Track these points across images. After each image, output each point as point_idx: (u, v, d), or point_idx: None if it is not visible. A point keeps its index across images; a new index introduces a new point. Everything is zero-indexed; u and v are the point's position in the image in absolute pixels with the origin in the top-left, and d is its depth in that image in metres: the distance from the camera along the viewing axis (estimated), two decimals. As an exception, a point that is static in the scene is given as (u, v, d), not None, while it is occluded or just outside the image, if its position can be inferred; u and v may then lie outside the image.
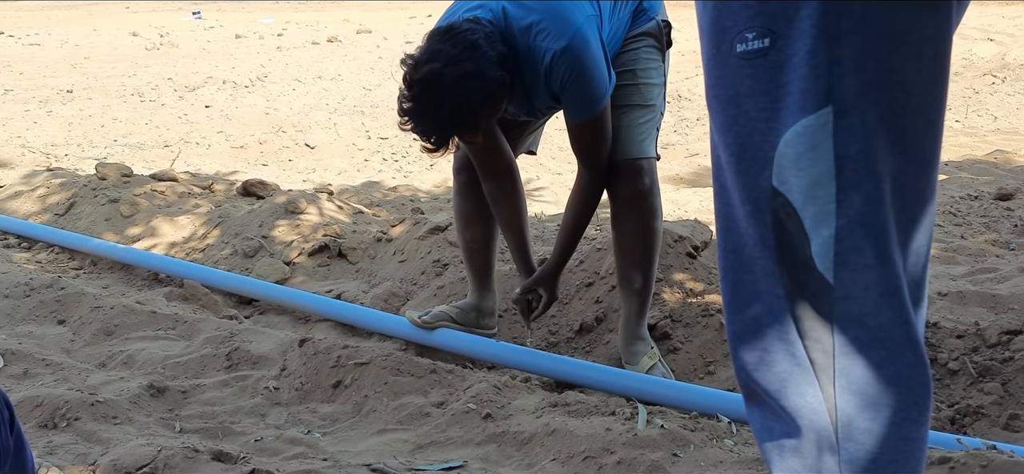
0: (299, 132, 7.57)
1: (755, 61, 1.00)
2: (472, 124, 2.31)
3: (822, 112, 0.97)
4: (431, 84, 2.22)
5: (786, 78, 0.98)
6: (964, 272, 3.45)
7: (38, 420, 2.23)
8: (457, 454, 2.16)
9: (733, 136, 1.03)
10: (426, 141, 2.33)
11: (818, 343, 1.01)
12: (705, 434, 2.18)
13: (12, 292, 3.31)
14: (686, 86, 9.20)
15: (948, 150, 6.61)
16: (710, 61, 1.06)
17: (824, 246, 0.99)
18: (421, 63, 2.25)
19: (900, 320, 1.00)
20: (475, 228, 2.80)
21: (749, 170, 1.02)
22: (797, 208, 0.99)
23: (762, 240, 1.02)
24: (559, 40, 2.29)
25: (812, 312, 1.01)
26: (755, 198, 1.02)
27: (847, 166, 0.98)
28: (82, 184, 4.74)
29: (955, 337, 2.56)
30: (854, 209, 0.98)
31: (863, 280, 0.99)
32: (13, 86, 10.07)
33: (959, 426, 2.31)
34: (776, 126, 0.99)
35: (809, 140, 0.98)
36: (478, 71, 2.23)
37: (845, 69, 0.96)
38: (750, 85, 1.01)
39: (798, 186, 0.99)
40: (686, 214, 4.60)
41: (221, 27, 17.48)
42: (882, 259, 0.99)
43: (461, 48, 2.23)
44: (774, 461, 1.08)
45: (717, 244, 1.10)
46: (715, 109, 1.06)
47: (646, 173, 2.52)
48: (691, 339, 2.83)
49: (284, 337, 2.87)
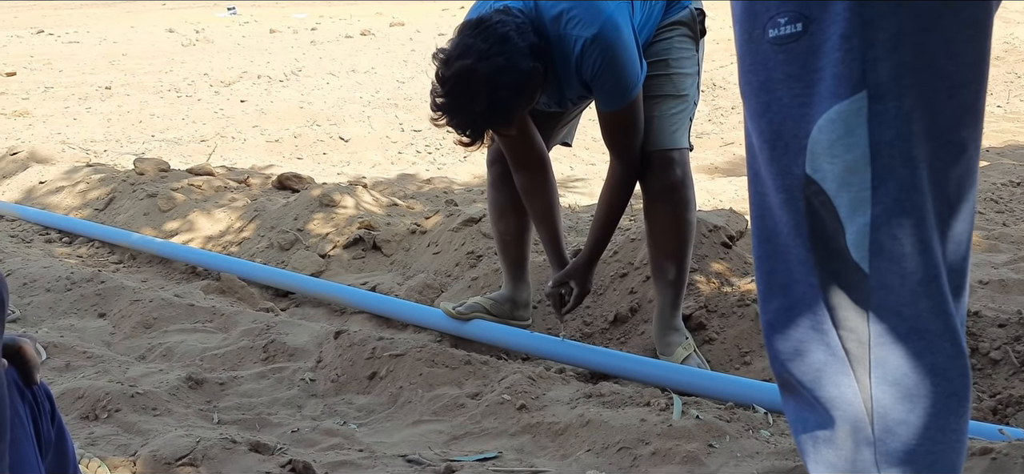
0: (333, 125, 7.62)
1: (788, 46, 0.99)
2: (505, 117, 2.30)
3: (856, 97, 0.95)
4: (463, 80, 2.21)
5: (819, 63, 0.97)
6: (1006, 260, 3.39)
7: (80, 412, 2.27)
8: (492, 445, 2.17)
9: (766, 123, 1.02)
10: (461, 135, 2.32)
11: (853, 333, 0.99)
12: (741, 425, 2.16)
13: (54, 286, 3.36)
14: (721, 74, 9.13)
15: (990, 136, 6.50)
16: (743, 47, 1.04)
17: (859, 234, 0.97)
18: (452, 59, 2.23)
19: (938, 310, 0.99)
20: (509, 220, 2.80)
21: (782, 157, 1.01)
22: (831, 196, 0.98)
23: (796, 228, 1.01)
24: (590, 27, 2.27)
25: (847, 301, 0.99)
26: (788, 186, 1.01)
27: (883, 152, 0.96)
28: (121, 179, 4.81)
29: (997, 326, 2.52)
30: (890, 196, 0.96)
31: (899, 269, 0.98)
32: (53, 83, 10.24)
33: (1001, 416, 2.27)
34: (809, 112, 0.98)
35: (843, 126, 0.96)
36: (509, 64, 2.21)
37: (879, 53, 0.95)
38: (783, 71, 0.99)
39: (832, 173, 0.97)
40: (721, 204, 4.57)
41: (256, 22, 17.63)
42: (919, 247, 0.98)
43: (492, 42, 2.21)
44: (808, 453, 1.06)
45: (751, 232, 1.09)
46: (748, 96, 1.05)
47: (678, 164, 2.49)
48: (726, 329, 2.81)
49: (320, 329, 2.89)
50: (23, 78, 10.76)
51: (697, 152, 6.55)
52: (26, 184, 5.09)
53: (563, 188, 5.43)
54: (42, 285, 3.38)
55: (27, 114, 8.42)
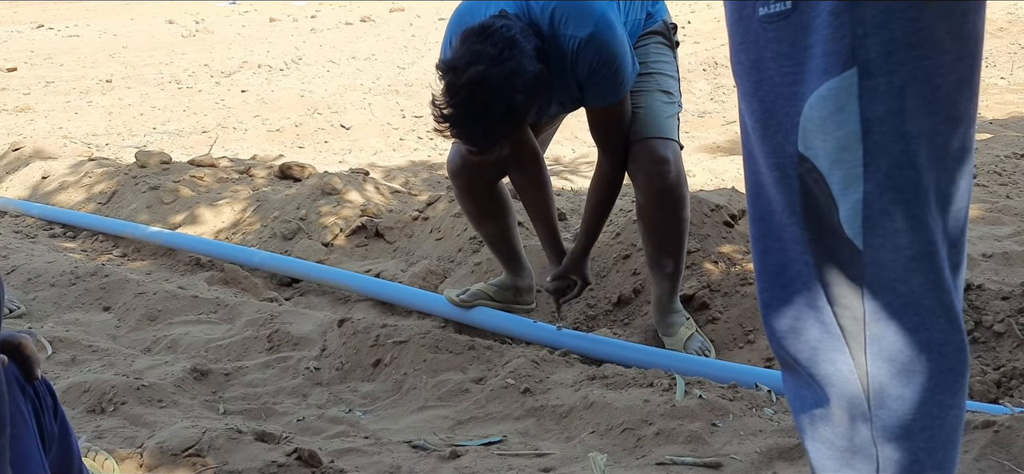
0: (334, 113, 7.61)
1: (778, 24, 0.98)
2: (520, 122, 2.25)
3: (846, 74, 0.95)
4: (478, 87, 2.12)
5: (809, 40, 0.96)
6: (1009, 232, 3.38)
7: (86, 405, 2.28)
8: (497, 429, 2.17)
9: (758, 102, 1.02)
10: (471, 145, 2.26)
11: (848, 310, 0.99)
12: (744, 404, 2.17)
13: (58, 281, 3.37)
14: (722, 53, 9.09)
15: (993, 108, 6.47)
16: (733, 27, 1.04)
17: (852, 211, 0.97)
18: (463, 67, 2.14)
19: (932, 285, 0.99)
20: (488, 224, 2.79)
21: (775, 136, 1.00)
22: (824, 173, 0.97)
23: (789, 206, 1.01)
24: (584, 28, 2.25)
25: (842, 279, 0.99)
26: (781, 164, 1.00)
27: (874, 128, 0.96)
28: (123, 173, 4.81)
29: (1000, 299, 2.51)
30: (882, 172, 0.96)
31: (893, 245, 0.97)
32: (54, 78, 10.24)
33: (1005, 389, 2.27)
34: (800, 90, 0.97)
35: (834, 103, 0.96)
36: (522, 68, 2.16)
37: (868, 28, 0.94)
38: (773, 49, 0.99)
39: (824, 150, 0.97)
40: (723, 182, 4.56)
41: (255, 11, 17.60)
42: (912, 223, 0.97)
43: (501, 46, 2.15)
44: (806, 432, 1.06)
45: (747, 212, 1.09)
46: (740, 75, 1.04)
47: (672, 165, 2.45)
48: (730, 308, 2.81)
49: (324, 318, 2.90)
50: (24, 73, 10.76)
51: (699, 130, 6.53)
52: (29, 180, 5.10)
53: (570, 173, 5.43)
54: (47, 280, 3.39)
55: (28, 109, 8.43)
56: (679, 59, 2.66)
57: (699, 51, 8.91)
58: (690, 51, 8.66)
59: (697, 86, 7.96)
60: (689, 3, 11.58)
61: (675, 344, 2.66)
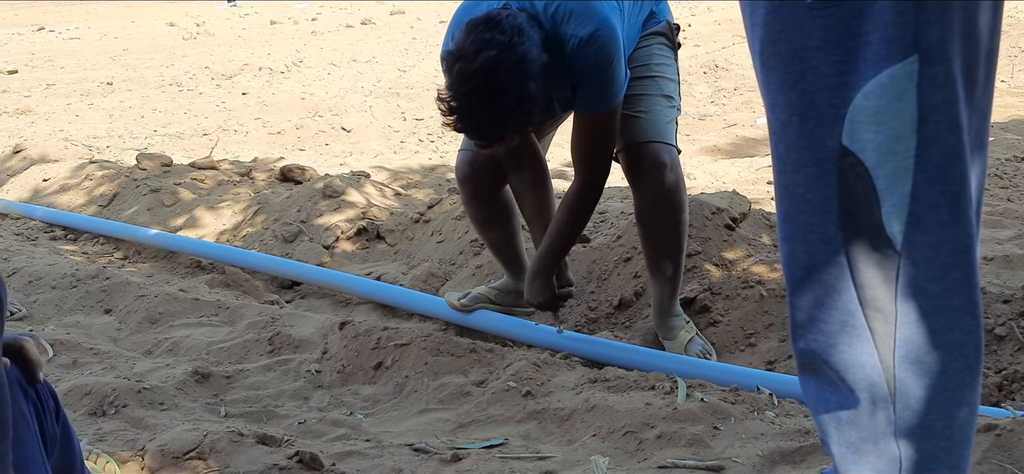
0: (335, 116, 7.62)
1: (829, 11, 0.95)
2: (531, 112, 2.19)
3: (908, 61, 0.93)
4: (491, 73, 2.07)
5: (865, 27, 0.94)
6: (1011, 235, 3.38)
7: (88, 408, 2.28)
8: (498, 432, 2.17)
9: (797, 93, 0.98)
10: (481, 138, 2.22)
11: (880, 313, 0.98)
12: (746, 406, 2.17)
13: (59, 283, 3.37)
14: (723, 55, 9.09)
15: (995, 110, 6.47)
16: (771, 14, 1.00)
17: (898, 205, 0.95)
18: (472, 55, 2.09)
19: (966, 281, 0.98)
20: (493, 230, 2.78)
21: (815, 129, 0.97)
22: (870, 167, 0.95)
23: (823, 205, 0.98)
24: (585, 27, 2.21)
25: (876, 281, 0.98)
26: (819, 159, 0.98)
27: (930, 117, 0.94)
28: (124, 175, 4.82)
29: (1002, 302, 2.51)
30: (933, 164, 0.95)
31: (934, 240, 0.96)
32: (55, 80, 10.25)
33: (1007, 392, 2.27)
34: (850, 79, 0.95)
35: (894, 91, 0.93)
36: (532, 56, 2.12)
37: (931, 16, 0.93)
38: (821, 36, 0.96)
39: (875, 142, 0.95)
40: (724, 185, 4.55)
41: (256, 14, 17.61)
42: (956, 216, 0.96)
43: (511, 34, 2.11)
44: (830, 433, 1.05)
45: (776, 212, 1.07)
46: (775, 65, 1.00)
47: (670, 169, 2.43)
48: (731, 311, 2.81)
49: (325, 321, 2.90)
50: (25, 76, 10.77)
51: (700, 133, 6.54)
52: (30, 182, 5.10)
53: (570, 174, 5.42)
54: (48, 282, 3.39)
55: (29, 111, 8.43)
56: (679, 62, 2.65)
57: (699, 54, 8.91)
58: (690, 54, 8.66)
59: (697, 89, 7.96)
60: (689, 4, 11.61)
61: (675, 347, 2.66)
